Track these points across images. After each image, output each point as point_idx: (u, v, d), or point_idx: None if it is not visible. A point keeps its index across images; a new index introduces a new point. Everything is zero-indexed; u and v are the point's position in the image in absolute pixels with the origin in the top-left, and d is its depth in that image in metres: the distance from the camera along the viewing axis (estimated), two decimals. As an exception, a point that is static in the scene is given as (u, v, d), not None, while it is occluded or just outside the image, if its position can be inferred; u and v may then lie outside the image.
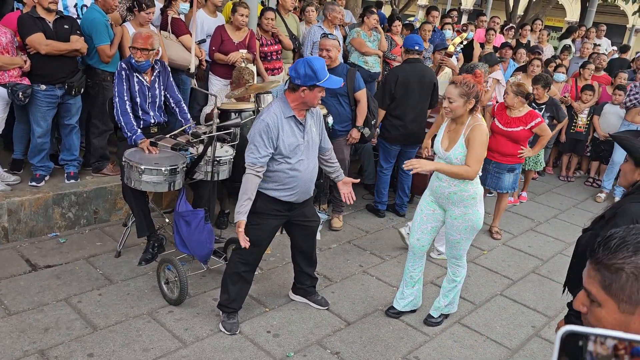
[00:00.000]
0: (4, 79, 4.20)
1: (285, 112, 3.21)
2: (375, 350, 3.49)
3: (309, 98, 3.18)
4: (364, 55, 6.87)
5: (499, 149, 5.18)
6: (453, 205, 3.52)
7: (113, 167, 5.02)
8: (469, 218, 3.51)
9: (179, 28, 5.39)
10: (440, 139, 3.51)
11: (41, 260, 4.12)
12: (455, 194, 3.47)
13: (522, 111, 5.19)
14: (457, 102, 3.29)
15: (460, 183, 3.42)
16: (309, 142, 3.35)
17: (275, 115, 3.19)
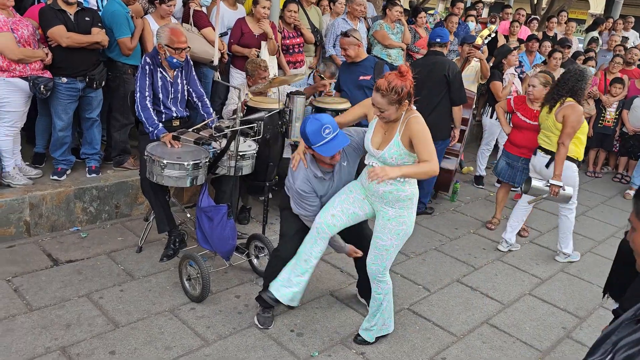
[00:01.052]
0: (25, 72, 4.17)
1: (315, 173, 3.18)
2: (401, 350, 3.39)
3: (322, 159, 3.09)
4: (386, 48, 6.75)
5: (528, 144, 5.02)
6: (387, 205, 3.11)
7: (134, 161, 4.98)
8: (404, 221, 3.12)
9: (201, 20, 5.32)
10: (371, 136, 3.09)
11: (63, 255, 4.10)
12: (390, 193, 3.07)
13: None
14: (389, 110, 2.91)
15: (397, 182, 3.04)
16: (341, 180, 3.29)
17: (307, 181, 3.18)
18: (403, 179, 3.02)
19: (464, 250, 4.94)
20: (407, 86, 2.87)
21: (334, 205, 3.20)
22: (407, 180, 3.05)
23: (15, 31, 4.08)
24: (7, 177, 4.31)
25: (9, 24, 4.04)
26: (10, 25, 4.04)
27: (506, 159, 5.25)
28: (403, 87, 2.85)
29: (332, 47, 6.46)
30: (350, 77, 4.92)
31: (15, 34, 4.07)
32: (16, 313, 3.34)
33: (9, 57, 4.05)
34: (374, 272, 3.24)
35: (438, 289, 4.18)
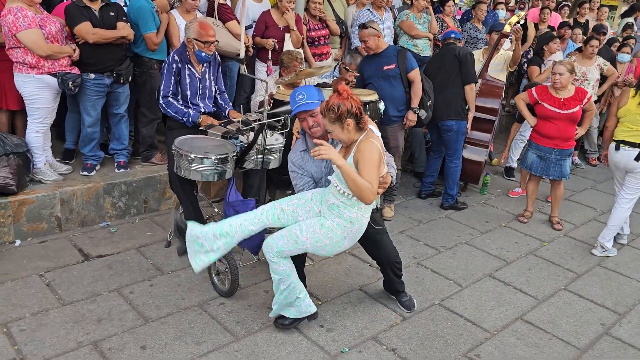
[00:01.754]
0: (54, 68, 4.20)
1: (301, 147, 3.34)
2: (433, 347, 3.32)
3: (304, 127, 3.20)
4: (413, 39, 6.63)
5: (561, 134, 4.88)
6: (330, 213, 3.03)
7: (162, 156, 5.00)
8: (330, 237, 3.01)
9: (226, 14, 5.29)
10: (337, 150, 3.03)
11: (93, 250, 4.13)
12: (337, 207, 2.99)
13: (571, 90, 4.90)
14: (334, 130, 2.90)
15: (347, 199, 2.94)
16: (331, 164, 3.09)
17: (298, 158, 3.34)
18: (353, 198, 2.92)
19: (496, 244, 4.83)
20: (345, 104, 2.84)
21: (290, 202, 3.15)
22: (357, 204, 2.96)
23: (43, 27, 4.11)
24: (38, 173, 4.36)
25: (37, 20, 4.07)
26: (38, 22, 4.07)
27: (537, 151, 5.10)
28: (340, 104, 2.83)
29: (357, 39, 6.37)
30: (375, 69, 4.85)
31: (43, 30, 4.09)
32: (49, 307, 3.37)
33: (38, 53, 4.08)
34: (267, 246, 3.11)
35: (470, 284, 4.09)
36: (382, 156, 3.02)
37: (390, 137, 4.95)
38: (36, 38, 4.05)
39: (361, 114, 2.91)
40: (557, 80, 4.85)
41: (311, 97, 3.08)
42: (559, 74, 4.83)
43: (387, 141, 4.99)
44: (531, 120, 5.12)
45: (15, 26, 3.96)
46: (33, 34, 4.03)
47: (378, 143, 2.95)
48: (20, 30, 3.97)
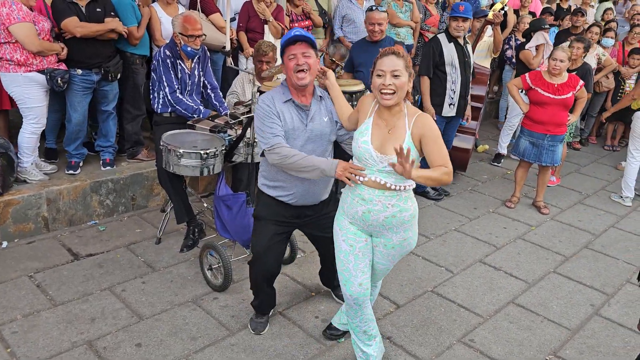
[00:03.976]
0: (42, 66, 4.13)
1: (283, 97, 2.76)
2: (428, 333, 3.35)
3: (288, 72, 2.70)
4: (395, 27, 6.62)
5: (553, 119, 4.93)
6: (390, 231, 2.62)
7: (148, 152, 4.95)
8: (409, 242, 2.69)
9: (209, 6, 5.23)
10: (369, 138, 2.54)
11: (83, 249, 4.08)
12: (393, 217, 2.56)
13: (565, 77, 4.95)
14: (403, 76, 2.47)
15: (400, 202, 2.54)
16: (313, 132, 2.80)
17: (270, 98, 2.76)
18: (405, 195, 2.57)
19: (485, 229, 4.88)
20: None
21: (352, 274, 2.71)
22: (408, 196, 2.59)
23: (37, 23, 4.05)
24: (23, 173, 4.30)
25: (31, 16, 4.01)
26: (32, 18, 4.01)
27: (529, 138, 5.13)
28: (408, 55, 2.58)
29: (339, 29, 6.35)
30: (369, 57, 4.80)
31: (36, 26, 4.03)
32: (40, 309, 3.33)
33: (29, 48, 4.01)
34: (379, 277, 2.92)
35: (461, 270, 4.13)
36: None
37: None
38: (29, 32, 3.99)
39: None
40: (556, 66, 4.87)
41: (310, 36, 2.72)
42: (559, 60, 4.85)
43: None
44: (524, 107, 5.16)
45: (9, 18, 3.90)
46: (26, 27, 3.97)
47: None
48: (13, 22, 3.91)
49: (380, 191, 2.54)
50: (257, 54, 4.21)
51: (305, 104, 2.79)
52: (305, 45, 2.66)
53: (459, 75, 5.00)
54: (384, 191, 2.53)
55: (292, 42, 2.66)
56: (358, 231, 2.69)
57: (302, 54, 2.65)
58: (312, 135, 2.79)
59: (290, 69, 2.66)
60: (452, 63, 4.97)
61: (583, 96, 5.09)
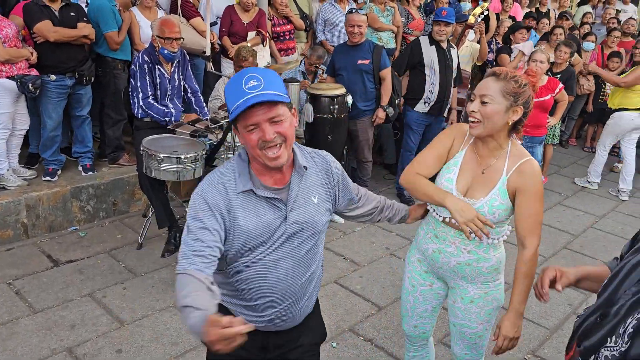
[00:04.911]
0: (12, 72, 4.09)
1: (240, 183, 1.71)
2: (409, 335, 3.38)
3: (251, 150, 1.67)
4: (377, 32, 6.67)
5: (532, 121, 5.02)
6: (464, 281, 2.23)
7: (129, 157, 4.93)
8: (493, 297, 2.25)
9: (190, 11, 5.24)
10: (455, 176, 2.13)
11: (62, 255, 4.05)
12: (467, 265, 2.17)
13: (544, 79, 5.04)
14: (496, 105, 2.00)
15: (479, 249, 2.15)
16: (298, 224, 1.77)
17: (217, 183, 1.71)
18: (490, 243, 2.14)
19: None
20: (530, 88, 2.06)
21: (409, 314, 2.44)
22: (492, 245, 2.16)
23: (0, 31, 4.00)
24: (1, 180, 4.25)
25: (-8, 25, 3.97)
26: (-7, 26, 3.97)
27: None
28: (527, 84, 2.04)
29: (322, 32, 6.39)
30: (349, 61, 4.86)
31: (0, 34, 3.98)
32: (19, 316, 3.30)
33: (-5, 58, 3.97)
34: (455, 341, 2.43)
35: (442, 272, 4.17)
36: None
37: (360, 130, 5.00)
38: None
39: (525, 118, 2.09)
40: (537, 67, 4.96)
41: (273, 85, 1.62)
42: (539, 61, 4.95)
43: (357, 134, 5.03)
44: None
45: None
46: (-12, 38, 3.93)
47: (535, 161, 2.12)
48: None
49: (457, 232, 2.13)
50: (236, 59, 4.23)
51: (279, 186, 1.76)
52: (269, 106, 1.60)
53: (438, 78, 5.05)
54: (461, 233, 2.11)
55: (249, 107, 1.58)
56: (424, 273, 2.34)
57: (270, 121, 1.61)
58: (294, 230, 1.77)
59: (254, 145, 1.64)
60: (431, 65, 5.02)
61: (563, 99, 5.18)
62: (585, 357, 1.46)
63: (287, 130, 1.66)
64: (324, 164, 1.89)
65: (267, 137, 1.62)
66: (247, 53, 4.23)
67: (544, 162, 6.34)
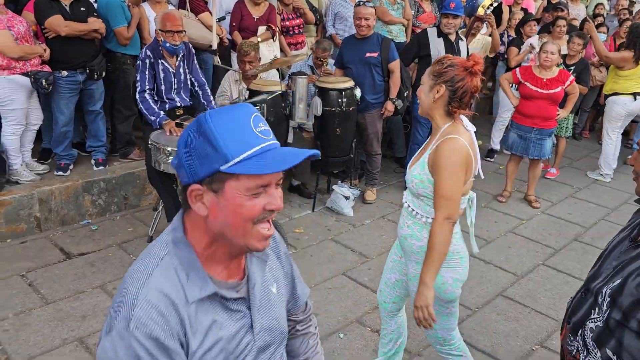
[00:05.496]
0: (25, 68, 4.15)
1: (194, 288, 1.18)
2: (415, 326, 3.35)
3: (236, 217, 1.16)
4: (387, 25, 6.64)
5: (541, 113, 4.99)
6: (407, 257, 2.37)
7: (140, 152, 4.98)
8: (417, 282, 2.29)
9: (198, 6, 5.27)
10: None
11: (75, 248, 4.11)
12: (405, 239, 2.33)
13: (555, 71, 4.99)
14: (423, 85, 2.25)
15: (414, 226, 2.28)
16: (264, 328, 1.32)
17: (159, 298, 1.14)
18: (425, 218, 2.25)
19: (476, 224, 4.85)
20: (460, 75, 2.15)
21: (382, 277, 2.63)
22: (427, 223, 2.24)
23: (12, 28, 4.06)
24: (15, 174, 4.32)
25: (4, 21, 4.02)
26: (6, 23, 4.02)
27: (517, 131, 5.19)
28: (456, 67, 2.16)
29: (332, 26, 6.38)
30: (356, 54, 4.86)
31: (12, 31, 4.04)
32: (32, 307, 3.37)
33: (9, 55, 4.03)
34: (431, 343, 2.58)
35: (451, 264, 4.16)
36: (471, 159, 2.18)
37: (368, 123, 5.00)
38: (6, 40, 3.99)
39: (461, 101, 2.18)
40: (547, 59, 4.92)
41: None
42: (550, 52, 4.92)
43: (366, 127, 5.03)
44: (513, 100, 5.22)
45: None
46: (3, 35, 3.97)
47: (465, 140, 2.18)
48: None
49: (406, 207, 2.34)
50: (239, 54, 4.26)
51: (236, 279, 1.29)
52: None
53: None
54: (408, 206, 2.33)
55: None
56: (398, 245, 2.49)
57: (276, 184, 1.20)
58: (264, 343, 1.32)
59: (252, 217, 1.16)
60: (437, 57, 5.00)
61: (574, 92, 5.12)
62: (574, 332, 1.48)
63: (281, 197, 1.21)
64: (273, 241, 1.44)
65: (277, 205, 1.17)
66: (248, 47, 4.25)
67: (556, 155, 6.29)
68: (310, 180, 5.24)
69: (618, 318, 1.34)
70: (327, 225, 4.67)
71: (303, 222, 4.73)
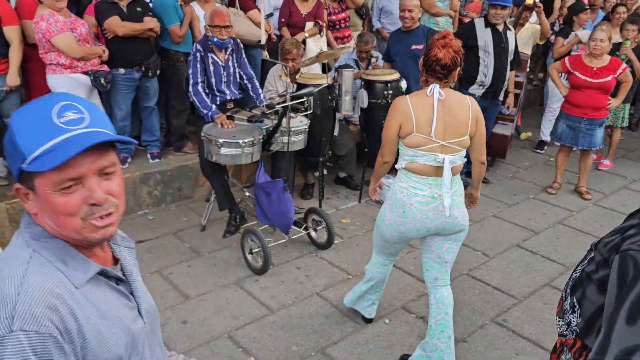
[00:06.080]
0: (86, 67, 4.41)
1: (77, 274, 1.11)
2: (461, 314, 3.42)
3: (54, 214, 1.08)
4: (434, 17, 6.63)
5: (591, 103, 4.88)
6: None
7: (193, 145, 5.19)
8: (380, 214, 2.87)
9: (247, 3, 5.42)
10: None
11: (133, 236, 4.35)
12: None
13: (606, 60, 4.86)
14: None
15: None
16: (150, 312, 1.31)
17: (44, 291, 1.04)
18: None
19: (524, 215, 4.87)
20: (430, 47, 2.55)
21: None
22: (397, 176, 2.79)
23: (74, 30, 4.32)
24: (78, 167, 4.59)
25: (68, 24, 4.28)
26: (69, 26, 4.28)
27: (567, 121, 5.10)
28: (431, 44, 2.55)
29: (377, 20, 6.43)
30: (402, 47, 4.91)
31: (74, 33, 4.30)
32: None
33: (71, 55, 4.29)
34: None
35: (497, 254, 4.16)
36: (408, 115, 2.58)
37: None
38: (69, 41, 4.25)
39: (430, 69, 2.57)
40: (597, 47, 4.81)
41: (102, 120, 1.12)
42: (599, 40, 4.79)
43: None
44: (563, 90, 5.13)
45: (48, 32, 4.16)
46: (66, 37, 4.23)
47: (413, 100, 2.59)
48: (53, 35, 4.16)
49: None
50: (281, 52, 4.38)
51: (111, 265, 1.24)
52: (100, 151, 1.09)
53: (492, 61, 4.99)
54: None
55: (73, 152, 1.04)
56: None
57: (100, 174, 1.10)
58: (150, 326, 1.30)
59: (72, 212, 1.07)
60: (485, 48, 4.97)
61: (627, 80, 4.98)
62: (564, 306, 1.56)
63: (121, 191, 1.14)
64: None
65: (97, 199, 1.07)
66: (290, 45, 4.37)
67: (610, 146, 6.13)
68: (356, 172, 5.33)
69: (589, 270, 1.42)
70: (372, 215, 4.74)
71: (350, 213, 4.82)
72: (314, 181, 5.14)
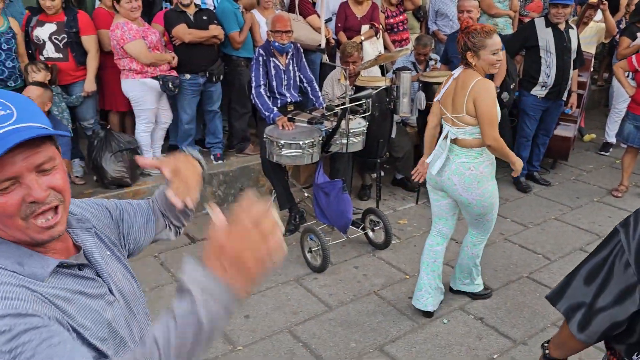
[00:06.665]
0: (155, 73, 4.65)
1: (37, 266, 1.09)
2: (521, 316, 3.39)
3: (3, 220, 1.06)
4: (493, 18, 6.55)
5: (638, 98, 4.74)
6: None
7: (254, 147, 5.36)
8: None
9: (307, 9, 5.56)
10: None
11: (198, 233, 4.55)
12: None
13: None
14: None
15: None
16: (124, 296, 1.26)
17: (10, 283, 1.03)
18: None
19: (587, 219, 4.74)
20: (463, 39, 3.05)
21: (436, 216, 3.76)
22: None
23: (146, 38, 4.57)
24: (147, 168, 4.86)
25: (140, 32, 4.54)
26: (141, 34, 4.54)
27: (634, 122, 4.93)
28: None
29: (433, 23, 6.43)
30: None
31: (146, 41, 4.56)
32: (164, 283, 3.80)
33: (142, 61, 4.54)
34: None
35: (559, 257, 4.08)
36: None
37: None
38: (141, 48, 4.51)
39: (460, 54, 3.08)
40: None
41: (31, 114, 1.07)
42: None
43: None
44: (629, 90, 4.97)
45: (122, 39, 4.43)
46: (138, 44, 4.49)
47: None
48: (127, 42, 4.44)
49: None
50: (342, 55, 4.47)
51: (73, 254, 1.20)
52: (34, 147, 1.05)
53: (555, 61, 4.90)
54: None
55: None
56: None
57: (37, 170, 1.06)
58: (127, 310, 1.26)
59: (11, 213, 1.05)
60: (546, 48, 4.88)
61: None
62: None
63: (65, 184, 1.11)
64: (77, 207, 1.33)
65: (35, 196, 1.05)
66: (352, 49, 4.45)
67: None
68: (413, 174, 5.33)
69: None
70: (429, 216, 4.73)
71: (407, 214, 4.85)
72: (371, 182, 5.20)
